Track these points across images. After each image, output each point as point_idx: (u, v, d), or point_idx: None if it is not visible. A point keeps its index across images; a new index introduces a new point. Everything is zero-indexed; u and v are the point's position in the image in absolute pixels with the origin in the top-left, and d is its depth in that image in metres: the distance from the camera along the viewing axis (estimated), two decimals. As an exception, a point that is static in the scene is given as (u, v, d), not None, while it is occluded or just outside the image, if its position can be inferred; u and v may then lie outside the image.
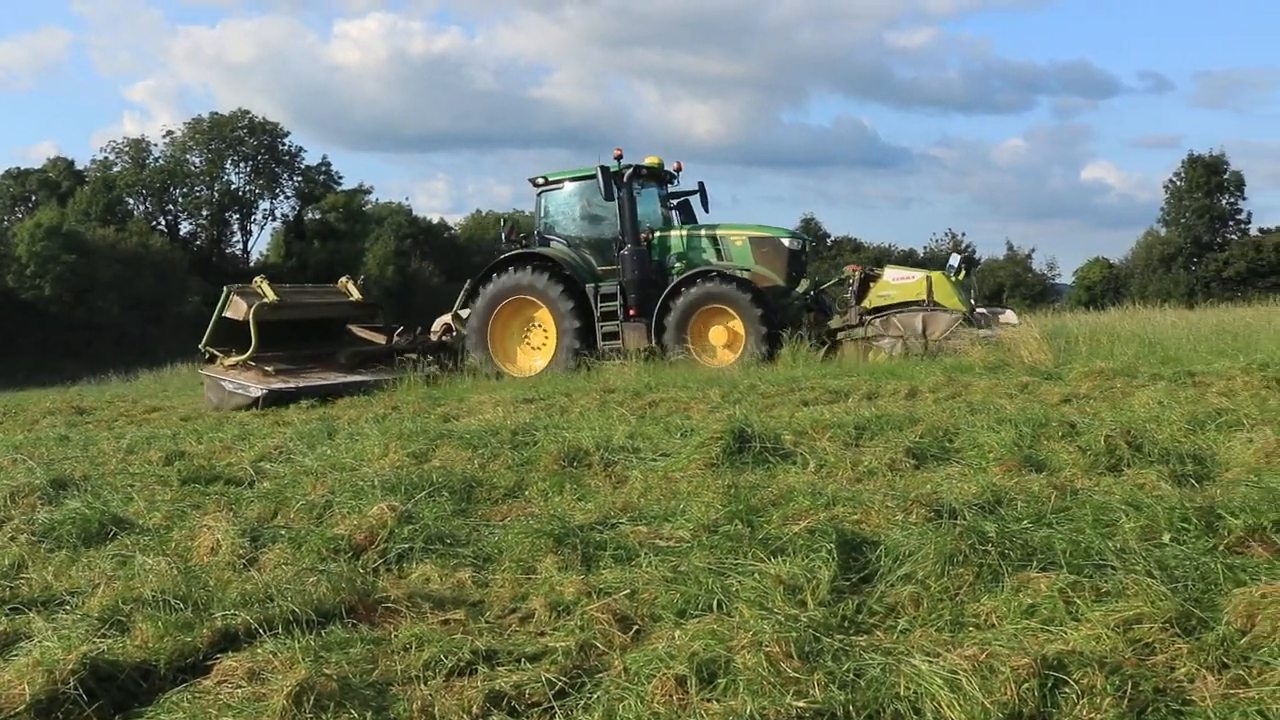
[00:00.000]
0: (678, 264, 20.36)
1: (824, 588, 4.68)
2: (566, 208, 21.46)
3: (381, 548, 5.79)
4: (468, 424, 11.11)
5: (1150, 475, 6.45)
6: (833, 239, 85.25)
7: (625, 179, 20.16)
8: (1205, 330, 18.06)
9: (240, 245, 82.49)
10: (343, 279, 21.92)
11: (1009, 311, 19.66)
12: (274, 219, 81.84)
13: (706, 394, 12.76)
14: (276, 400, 17.05)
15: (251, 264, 77.76)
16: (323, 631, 4.47)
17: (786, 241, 20.24)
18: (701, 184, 22.20)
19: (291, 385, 17.87)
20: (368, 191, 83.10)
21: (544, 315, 20.26)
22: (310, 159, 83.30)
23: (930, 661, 3.75)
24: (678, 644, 4.07)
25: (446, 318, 22.12)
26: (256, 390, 17.33)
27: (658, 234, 20.70)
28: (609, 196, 19.91)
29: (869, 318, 18.68)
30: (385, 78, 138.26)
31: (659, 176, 21.65)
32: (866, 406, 10.92)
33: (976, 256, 78.53)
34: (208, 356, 19.12)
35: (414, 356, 20.89)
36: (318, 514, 6.78)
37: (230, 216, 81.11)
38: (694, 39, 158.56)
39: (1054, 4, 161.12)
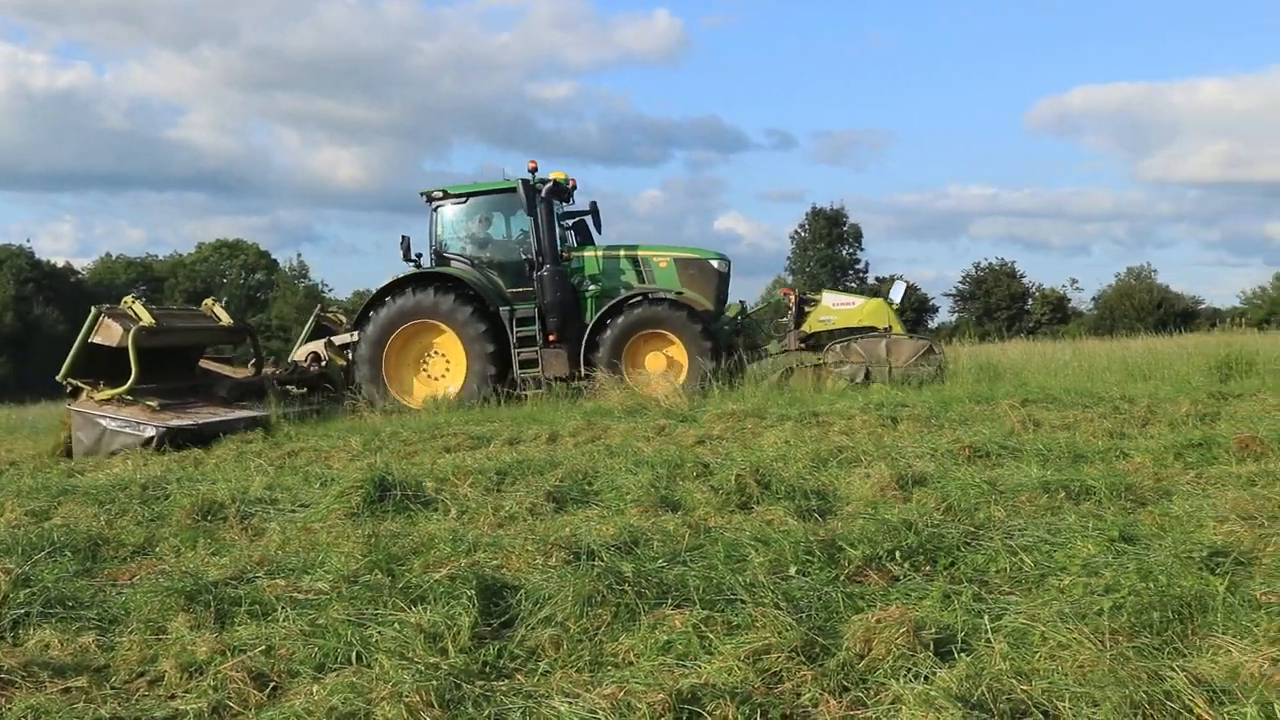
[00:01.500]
0: (593, 286, 19.02)
1: (465, 634, 4.66)
2: (467, 225, 19.66)
3: (-7, 614, 5.40)
4: (94, 478, 10.53)
5: (778, 511, 6.75)
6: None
7: (544, 194, 18.70)
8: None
9: None
10: (207, 301, 18.97)
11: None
12: None
13: (348, 442, 12.53)
14: (174, 440, 14.34)
15: None
16: (-77, 709, 4.14)
17: (715, 264, 19.16)
18: (594, 203, 20.68)
19: (190, 422, 15.12)
20: (-18, 233, 77.86)
21: (447, 341, 18.49)
22: (-85, 197, 77.30)
23: (570, 702, 3.80)
24: (316, 699, 3.98)
25: (314, 345, 19.64)
26: (151, 429, 14.63)
27: (573, 254, 19.35)
28: (531, 212, 18.38)
29: (832, 344, 17.91)
30: (3, 111, 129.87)
31: (559, 194, 19.79)
32: (508, 452, 10.98)
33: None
34: (70, 390, 16.04)
35: (290, 389, 18.71)
36: (-81, 581, 6.27)
37: None
38: (336, 84, 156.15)
39: (687, 63, 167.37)
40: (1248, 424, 9.78)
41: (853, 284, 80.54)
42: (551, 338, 18.41)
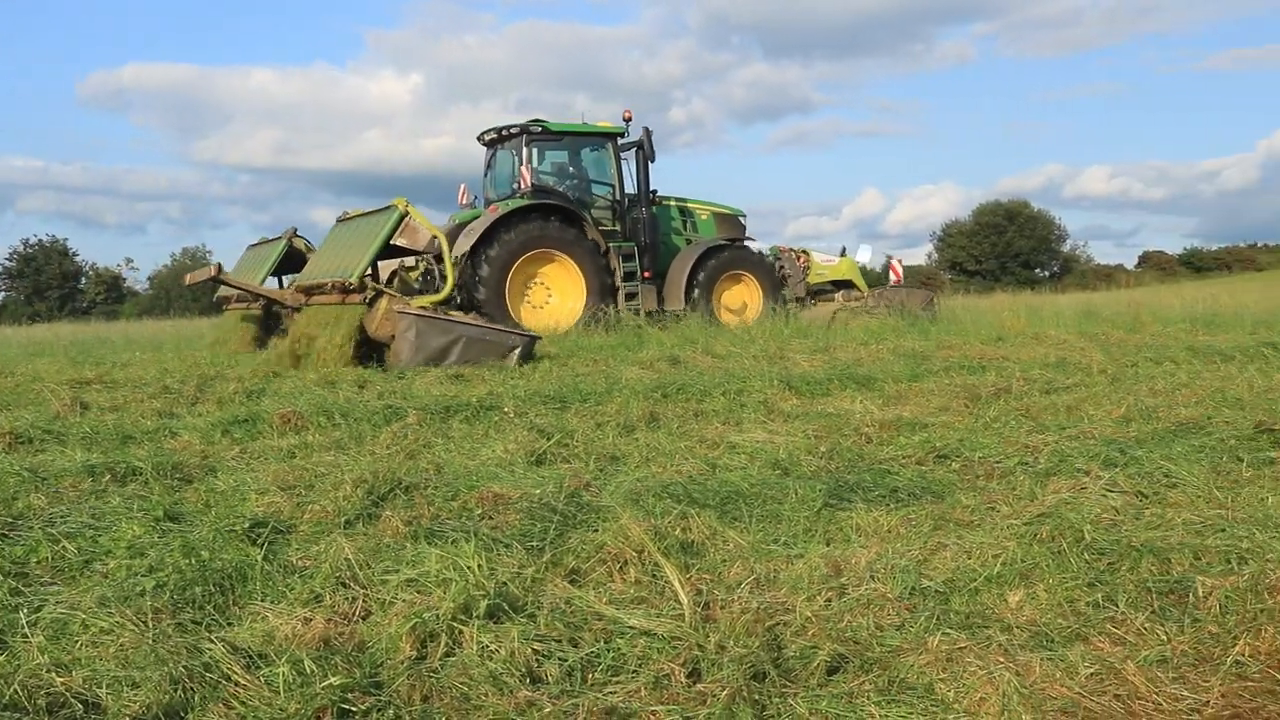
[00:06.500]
0: None
1: None
2: (560, 162, 21.08)
3: None
4: None
5: None
6: None
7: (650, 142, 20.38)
8: None
9: None
10: (400, 200, 15.00)
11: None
12: None
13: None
14: (529, 353, 13.71)
15: None
16: None
17: (741, 219, 22.52)
18: (648, 130, 21.73)
19: (537, 336, 14.62)
20: None
21: (557, 270, 19.40)
22: None
23: None
24: None
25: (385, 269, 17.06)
26: (517, 339, 13.68)
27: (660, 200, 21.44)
28: (650, 157, 20.36)
29: (870, 293, 21.73)
30: None
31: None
32: None
33: None
34: (371, 295, 14.25)
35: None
36: None
37: None
38: None
39: None
40: (290, 400, 10.29)
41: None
42: (646, 275, 20.39)
